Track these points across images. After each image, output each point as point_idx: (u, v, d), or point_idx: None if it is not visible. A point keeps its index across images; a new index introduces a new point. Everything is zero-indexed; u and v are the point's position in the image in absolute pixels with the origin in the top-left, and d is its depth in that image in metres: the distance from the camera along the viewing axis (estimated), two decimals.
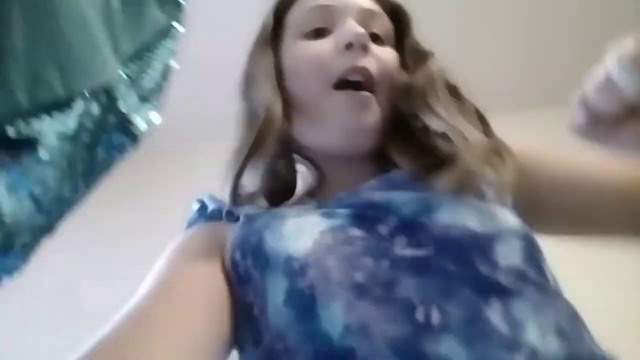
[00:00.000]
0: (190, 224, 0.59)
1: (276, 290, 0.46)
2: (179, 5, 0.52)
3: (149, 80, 0.49)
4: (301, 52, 0.60)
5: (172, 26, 0.53)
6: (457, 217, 0.49)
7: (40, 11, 0.34)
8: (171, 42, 0.52)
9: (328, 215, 0.50)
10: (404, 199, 0.51)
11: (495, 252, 0.46)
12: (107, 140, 0.43)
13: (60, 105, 0.37)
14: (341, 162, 0.61)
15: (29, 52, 0.34)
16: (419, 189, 0.52)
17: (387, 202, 0.51)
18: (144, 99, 0.48)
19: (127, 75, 0.48)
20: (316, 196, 0.59)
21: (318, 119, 0.58)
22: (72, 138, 0.39)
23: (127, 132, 0.45)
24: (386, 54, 0.60)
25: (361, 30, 0.57)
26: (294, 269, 0.45)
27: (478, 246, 0.47)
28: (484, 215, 0.50)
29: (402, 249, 0.47)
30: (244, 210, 0.55)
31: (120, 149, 0.46)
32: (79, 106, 0.39)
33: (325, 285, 0.44)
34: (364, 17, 0.60)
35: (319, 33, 0.60)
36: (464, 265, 0.45)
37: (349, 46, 0.56)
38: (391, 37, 0.63)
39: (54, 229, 0.42)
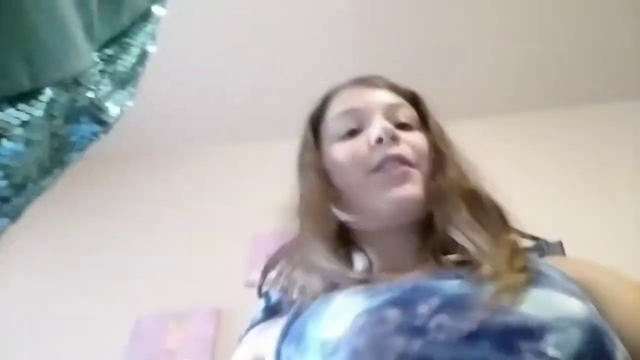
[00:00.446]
0: (252, 324, 0.67)
1: None
2: None
3: (124, 66, 0.47)
4: (338, 152, 0.67)
5: (151, 9, 0.51)
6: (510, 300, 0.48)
7: None
8: (150, 25, 0.51)
9: (370, 296, 0.52)
10: (452, 283, 0.52)
11: (546, 340, 0.43)
12: (76, 128, 0.43)
13: (25, 96, 0.36)
14: (389, 235, 0.65)
15: None
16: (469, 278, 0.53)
17: (433, 285, 0.52)
18: (118, 85, 0.47)
19: (102, 60, 0.47)
20: (368, 278, 0.62)
21: (365, 202, 0.64)
22: (38, 127, 0.38)
23: (97, 119, 0.44)
24: (416, 138, 0.67)
25: (388, 125, 0.64)
26: (328, 351, 0.48)
27: (527, 331, 0.44)
28: (542, 301, 0.48)
29: (438, 332, 0.46)
30: (298, 300, 0.59)
31: (90, 137, 0.45)
32: (46, 95, 0.38)
33: None
34: (390, 110, 0.68)
35: (352, 133, 0.67)
36: (507, 349, 0.43)
37: (379, 140, 0.63)
38: (417, 121, 0.70)
39: (17, 217, 0.42)
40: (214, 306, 1.60)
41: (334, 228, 0.66)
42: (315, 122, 0.74)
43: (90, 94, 0.42)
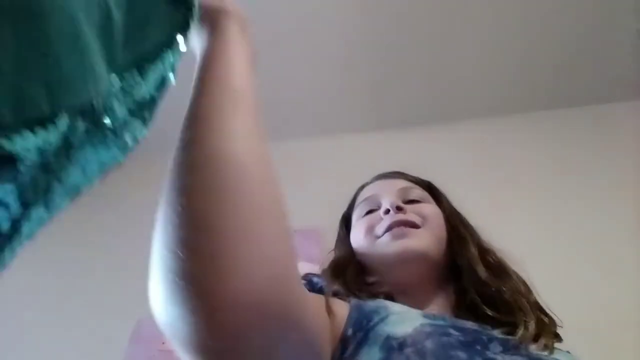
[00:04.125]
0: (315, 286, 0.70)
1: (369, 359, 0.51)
2: (187, 18, 0.51)
3: (142, 93, 0.48)
4: (357, 228, 0.79)
5: (175, 38, 0.52)
6: (552, 355, 0.57)
7: (32, 26, 0.33)
8: (173, 55, 0.51)
9: (431, 317, 0.57)
10: (494, 331, 0.60)
11: None
12: (92, 155, 0.42)
13: (44, 121, 0.36)
14: (413, 292, 0.71)
15: (16, 68, 0.33)
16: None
17: (489, 331, 0.59)
18: (136, 112, 0.47)
19: (120, 86, 0.47)
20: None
21: (379, 264, 0.73)
22: (55, 154, 0.38)
23: (114, 146, 0.44)
24: (425, 206, 0.78)
25: (395, 199, 0.76)
26: (392, 345, 0.51)
27: None
28: (563, 355, 0.59)
29: (496, 354, 0.52)
30: (353, 296, 0.64)
31: (106, 164, 0.45)
32: (63, 121, 0.38)
33: None
34: (401, 192, 0.80)
35: (371, 212, 0.79)
36: None
37: (387, 212, 0.75)
38: (429, 199, 0.81)
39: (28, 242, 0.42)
40: None
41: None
42: (347, 219, 0.86)
43: (107, 121, 0.42)
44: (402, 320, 0.55)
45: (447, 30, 1.81)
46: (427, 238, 0.72)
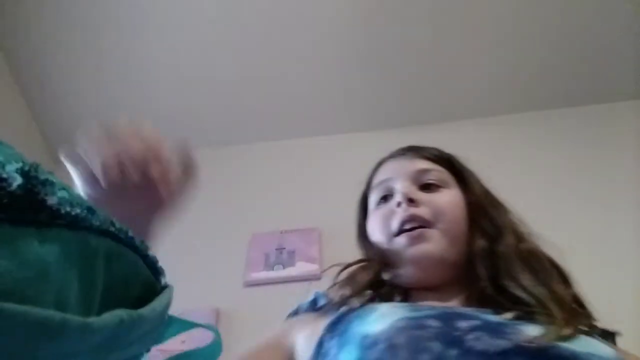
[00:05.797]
0: (298, 310, 0.75)
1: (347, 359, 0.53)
2: None
3: None
4: (372, 221, 0.76)
5: None
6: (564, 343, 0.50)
7: None
8: None
9: (412, 310, 0.57)
10: (493, 316, 0.56)
11: None
12: None
13: None
14: (428, 292, 0.69)
15: None
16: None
17: (474, 312, 0.57)
18: None
19: None
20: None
21: (398, 262, 0.70)
22: None
23: None
24: (441, 197, 0.73)
25: (406, 189, 0.72)
26: (366, 343, 0.52)
27: (560, 357, 0.48)
28: (578, 340, 0.51)
29: (475, 341, 0.48)
30: (344, 305, 0.65)
31: None
32: None
33: None
34: (416, 175, 0.75)
35: (386, 199, 0.76)
36: None
37: (399, 204, 0.71)
38: (448, 181, 0.76)
39: None
40: (213, 306, 1.60)
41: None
42: (365, 199, 0.83)
43: None
44: (383, 317, 0.55)
45: (445, 31, 1.80)
46: (442, 240, 0.68)
